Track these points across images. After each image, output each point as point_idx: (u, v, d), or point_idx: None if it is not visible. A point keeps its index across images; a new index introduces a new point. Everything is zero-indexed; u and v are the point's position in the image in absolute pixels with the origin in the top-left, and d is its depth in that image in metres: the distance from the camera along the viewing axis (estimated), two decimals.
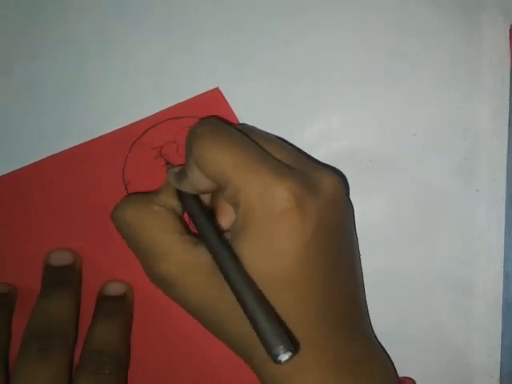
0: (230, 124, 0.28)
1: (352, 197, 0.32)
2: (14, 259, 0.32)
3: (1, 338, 0.30)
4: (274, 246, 0.25)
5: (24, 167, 0.32)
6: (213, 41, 0.32)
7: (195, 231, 0.28)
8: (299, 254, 0.25)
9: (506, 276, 0.32)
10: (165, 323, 0.32)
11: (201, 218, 0.27)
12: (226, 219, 0.28)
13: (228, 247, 0.25)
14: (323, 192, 0.26)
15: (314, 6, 0.32)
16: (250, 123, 0.32)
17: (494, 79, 0.32)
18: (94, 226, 0.32)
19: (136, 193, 0.31)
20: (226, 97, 0.32)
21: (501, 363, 0.32)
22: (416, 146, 0.32)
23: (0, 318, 0.31)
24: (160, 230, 0.27)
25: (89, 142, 0.32)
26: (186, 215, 0.29)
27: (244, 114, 0.32)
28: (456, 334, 0.32)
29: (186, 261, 0.27)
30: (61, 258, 0.31)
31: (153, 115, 0.32)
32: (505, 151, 0.32)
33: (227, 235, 0.27)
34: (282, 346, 0.23)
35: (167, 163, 0.31)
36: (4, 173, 0.32)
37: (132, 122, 0.32)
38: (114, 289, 0.32)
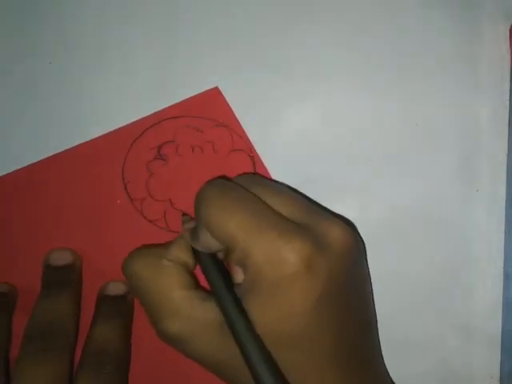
0: (235, 183, 0.28)
1: (352, 197, 0.32)
2: (14, 259, 0.32)
3: (1, 338, 0.30)
4: (283, 307, 0.25)
5: (24, 167, 0.32)
6: (212, 40, 0.32)
7: (205, 285, 0.28)
8: (309, 314, 0.25)
9: (506, 276, 0.32)
10: None
11: (213, 274, 0.27)
12: (239, 275, 0.28)
13: (239, 305, 0.25)
14: (332, 246, 0.25)
15: (314, 6, 0.32)
16: (248, 123, 0.32)
17: (494, 79, 0.32)
18: (94, 226, 0.32)
19: (149, 245, 0.30)
20: (226, 96, 0.32)
21: (501, 363, 0.32)
22: (416, 145, 0.32)
23: (0, 317, 0.31)
24: (169, 285, 0.27)
25: (88, 142, 0.32)
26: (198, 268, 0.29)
27: (243, 114, 0.32)
28: (456, 333, 0.32)
29: (193, 318, 0.26)
30: (61, 258, 0.31)
31: (152, 114, 0.32)
32: (505, 151, 0.32)
33: (238, 289, 0.27)
34: None
35: (183, 214, 0.31)
36: (4, 173, 0.32)
37: (131, 121, 0.32)
38: (114, 289, 0.32)
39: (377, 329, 0.30)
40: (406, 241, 0.32)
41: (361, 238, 0.31)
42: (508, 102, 0.32)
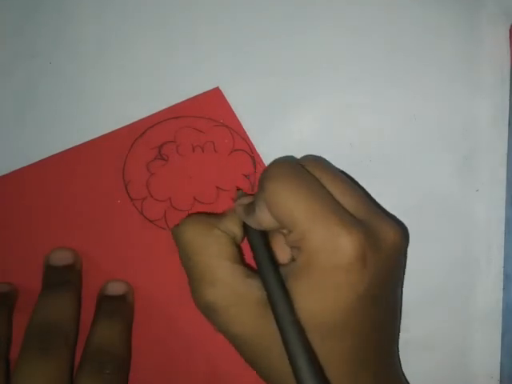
0: (302, 162, 0.28)
1: None
2: (14, 259, 0.32)
3: (1, 338, 0.30)
4: (329, 295, 0.25)
5: (24, 167, 0.32)
6: (213, 40, 0.32)
7: (250, 262, 0.28)
8: (351, 306, 0.25)
9: (506, 276, 0.32)
10: (165, 323, 0.32)
11: (262, 251, 0.27)
12: (282, 256, 0.28)
13: (283, 287, 0.26)
14: (385, 245, 0.26)
15: (314, 6, 0.32)
16: (250, 123, 0.32)
17: (494, 79, 0.32)
18: (94, 226, 0.32)
19: (200, 213, 0.31)
20: (227, 96, 0.32)
21: (501, 363, 0.32)
22: (416, 145, 0.32)
23: (0, 317, 0.31)
24: (217, 254, 0.27)
25: (89, 141, 0.32)
26: (243, 245, 0.29)
27: (244, 114, 0.32)
28: (456, 334, 0.32)
29: (234, 291, 0.27)
30: (61, 258, 0.31)
31: (153, 115, 0.32)
32: (505, 151, 0.32)
33: (281, 270, 0.27)
34: None
35: (238, 189, 0.31)
36: (4, 173, 0.32)
37: (132, 121, 0.32)
38: (115, 289, 0.32)
39: (399, 336, 0.31)
40: None
41: (408, 238, 0.31)
42: (508, 102, 0.32)
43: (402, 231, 0.27)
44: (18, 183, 0.32)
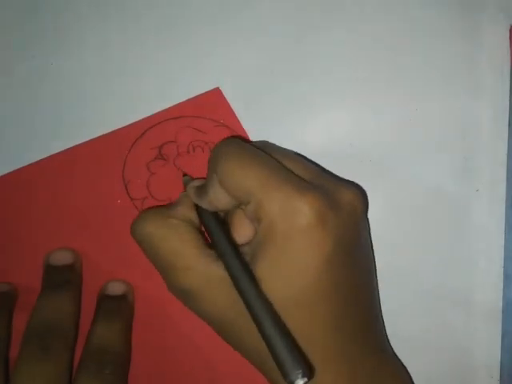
0: (250, 142, 0.28)
1: None
2: (14, 259, 0.32)
3: (1, 338, 0.30)
4: (294, 261, 0.25)
5: (24, 167, 0.32)
6: (213, 40, 0.32)
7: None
8: (319, 270, 0.25)
9: (506, 276, 0.32)
10: (165, 323, 0.32)
11: (218, 234, 0.27)
12: (241, 235, 0.28)
13: (245, 265, 0.26)
14: (343, 207, 0.26)
15: (314, 7, 0.32)
16: (250, 123, 0.32)
17: (494, 79, 0.32)
18: (94, 225, 0.32)
19: (153, 207, 0.31)
20: (227, 97, 0.32)
21: (501, 363, 0.32)
22: (416, 146, 0.32)
23: (0, 317, 0.31)
24: (181, 243, 0.27)
25: (89, 141, 0.32)
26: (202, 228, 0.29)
27: (244, 114, 0.32)
28: (456, 334, 0.32)
29: (207, 274, 0.27)
30: (61, 258, 0.32)
31: (153, 115, 0.32)
32: (505, 151, 0.32)
33: (243, 250, 0.27)
34: (298, 372, 0.23)
35: (184, 175, 0.32)
36: (4, 173, 0.32)
37: (132, 122, 0.32)
38: (115, 288, 0.32)
39: (379, 305, 0.31)
40: (406, 240, 0.32)
41: (367, 201, 0.31)
42: (508, 102, 0.32)
43: (360, 193, 0.27)
44: (18, 183, 0.32)
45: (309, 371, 0.23)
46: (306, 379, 0.23)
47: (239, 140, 0.28)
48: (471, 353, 0.32)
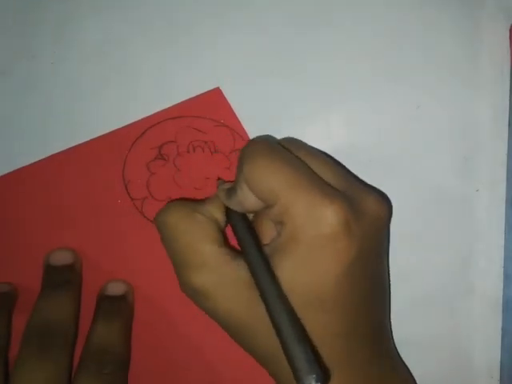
0: (279, 142, 0.28)
1: None
2: (14, 259, 0.32)
3: (0, 338, 0.30)
4: (315, 266, 0.25)
5: (24, 167, 0.32)
6: (213, 40, 0.32)
7: (235, 246, 0.28)
8: (340, 277, 0.25)
9: (506, 276, 0.32)
10: (165, 323, 0.32)
11: (245, 233, 0.27)
12: (268, 235, 0.28)
13: (268, 265, 0.25)
14: (368, 215, 0.26)
15: (314, 6, 0.32)
16: (250, 123, 0.32)
17: (494, 79, 0.32)
18: (94, 226, 0.32)
19: (182, 198, 0.31)
20: (227, 96, 0.32)
21: (501, 363, 0.32)
22: (416, 146, 0.32)
23: (0, 317, 0.31)
24: (201, 238, 0.27)
25: (89, 141, 0.32)
26: (227, 230, 0.29)
27: (244, 114, 0.32)
28: (456, 334, 0.32)
29: (222, 273, 0.27)
30: (61, 258, 0.32)
31: (153, 115, 0.32)
32: (505, 151, 0.32)
33: (267, 248, 0.27)
34: (312, 376, 0.22)
35: (218, 178, 0.32)
36: (4, 173, 0.32)
37: (132, 121, 0.32)
38: (115, 289, 0.32)
39: (390, 311, 0.31)
40: (406, 241, 0.32)
41: (392, 209, 0.31)
42: (508, 102, 0.32)
43: (384, 201, 0.27)
44: (18, 183, 0.32)
45: (323, 376, 0.23)
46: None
47: (267, 139, 0.28)
48: (471, 353, 0.32)
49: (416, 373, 0.31)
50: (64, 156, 0.32)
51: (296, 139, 0.31)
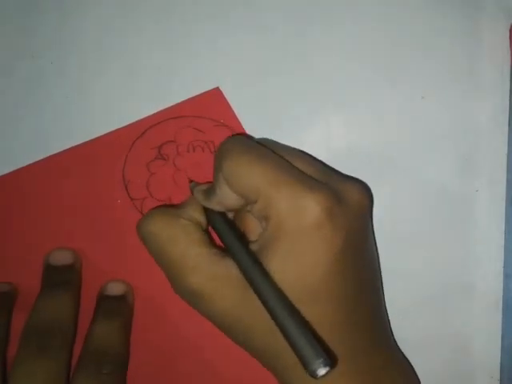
0: (255, 140, 0.28)
1: None
2: (14, 259, 0.32)
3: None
4: (305, 257, 0.25)
5: (24, 167, 0.32)
6: (213, 40, 0.32)
7: (220, 244, 0.28)
8: (330, 266, 0.25)
9: (506, 276, 0.32)
10: (165, 323, 0.32)
11: (228, 233, 0.27)
12: (253, 234, 0.28)
13: (257, 261, 0.26)
14: (351, 203, 0.26)
15: (314, 6, 0.32)
16: (250, 123, 0.32)
17: (494, 79, 0.32)
18: (94, 226, 0.32)
19: (159, 206, 0.31)
20: (227, 96, 0.32)
21: (501, 363, 0.32)
22: (416, 146, 0.32)
23: None
24: (188, 243, 0.27)
25: (89, 141, 0.32)
26: (210, 229, 0.29)
27: (244, 114, 0.32)
28: (456, 334, 0.32)
29: (214, 273, 0.27)
30: (61, 258, 0.31)
31: (153, 115, 0.32)
32: (505, 151, 0.32)
33: (252, 247, 0.27)
34: (320, 361, 0.22)
35: (190, 181, 0.31)
36: (4, 173, 0.32)
37: (132, 121, 0.32)
38: (114, 289, 0.32)
39: (384, 301, 0.31)
40: (406, 241, 0.32)
41: (372, 197, 0.31)
42: (508, 102, 0.32)
43: (365, 189, 0.28)
44: (18, 183, 0.32)
45: (330, 360, 0.23)
46: (328, 368, 0.22)
47: (244, 137, 0.28)
48: (471, 353, 0.32)
49: (416, 372, 0.31)
50: (64, 156, 0.32)
51: (271, 139, 0.31)
